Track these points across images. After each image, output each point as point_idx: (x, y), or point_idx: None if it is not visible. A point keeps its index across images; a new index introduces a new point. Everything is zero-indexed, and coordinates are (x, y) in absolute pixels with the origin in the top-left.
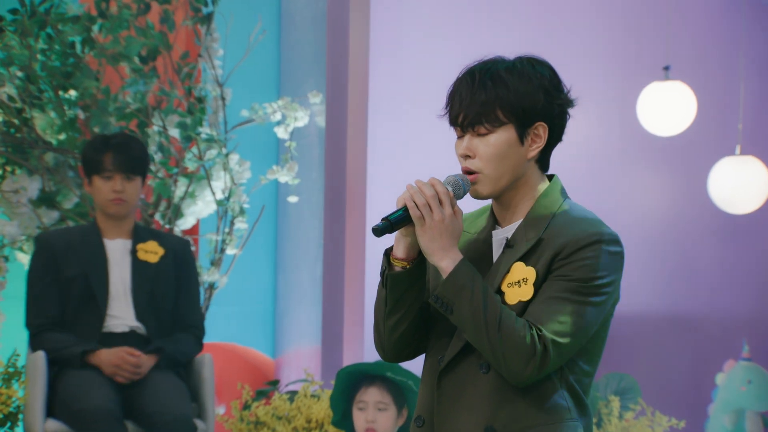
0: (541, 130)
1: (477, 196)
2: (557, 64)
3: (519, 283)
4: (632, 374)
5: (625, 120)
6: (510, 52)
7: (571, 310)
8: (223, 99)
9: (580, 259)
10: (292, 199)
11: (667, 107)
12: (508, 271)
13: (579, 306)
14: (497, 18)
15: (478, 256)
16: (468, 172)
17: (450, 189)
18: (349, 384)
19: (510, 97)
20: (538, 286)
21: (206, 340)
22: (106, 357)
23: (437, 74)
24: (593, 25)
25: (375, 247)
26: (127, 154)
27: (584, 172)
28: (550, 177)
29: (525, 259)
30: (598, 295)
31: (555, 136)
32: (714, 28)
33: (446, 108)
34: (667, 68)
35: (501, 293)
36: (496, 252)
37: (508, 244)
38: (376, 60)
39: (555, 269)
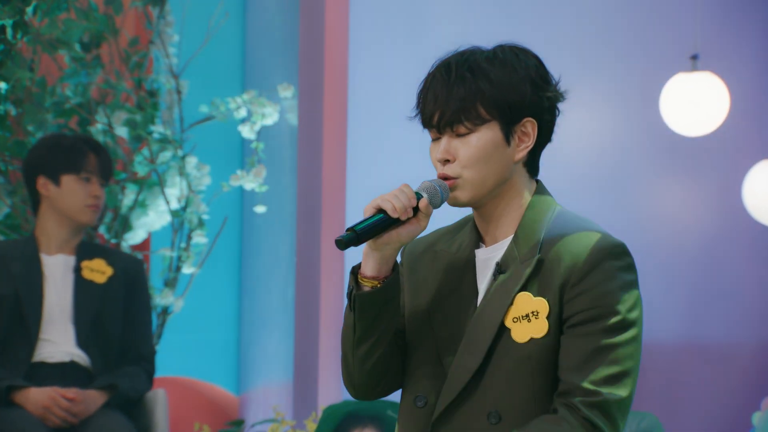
0: (530, 128)
1: (455, 203)
2: (565, 54)
3: (528, 317)
4: (654, 413)
5: (645, 117)
6: (515, 38)
7: (614, 355)
8: (178, 92)
9: (594, 286)
10: (260, 209)
11: (695, 102)
12: (511, 303)
13: (619, 346)
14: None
15: (458, 279)
16: (446, 178)
17: (425, 196)
18: (334, 426)
19: (493, 91)
20: (552, 320)
21: (159, 374)
22: (35, 396)
23: (428, 63)
24: (607, 8)
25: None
26: (105, 158)
27: (597, 179)
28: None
29: (529, 287)
30: (631, 323)
31: (544, 135)
32: (749, 11)
33: (417, 107)
34: (695, 57)
35: (505, 329)
36: (482, 275)
37: (500, 270)
38: (357, 48)
39: (569, 300)
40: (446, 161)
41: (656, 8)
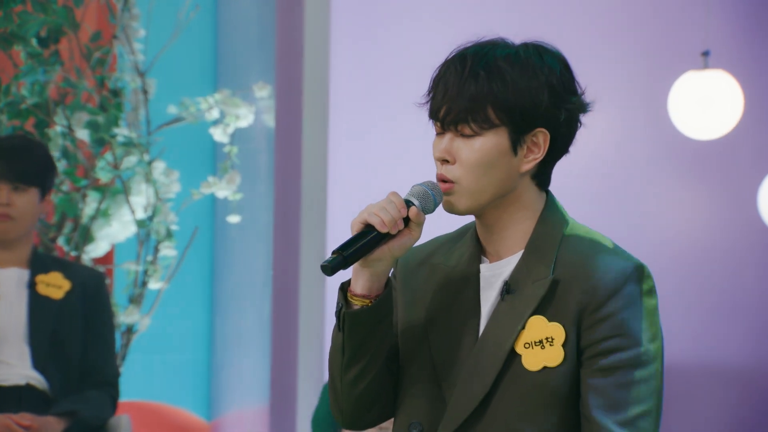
0: (541, 139)
1: (451, 209)
2: (565, 52)
3: (542, 343)
4: None
5: (653, 119)
6: (510, 35)
7: (640, 392)
8: (144, 92)
9: (615, 312)
10: (233, 218)
11: (707, 103)
12: (523, 327)
13: (645, 381)
14: None
15: (459, 296)
16: (443, 180)
17: (416, 204)
18: None
19: (506, 94)
20: (569, 348)
21: (124, 398)
22: None
23: (416, 60)
24: (610, 1)
25: (337, 281)
26: (16, 159)
27: (602, 185)
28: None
29: (543, 311)
30: (655, 355)
31: (559, 148)
32: (763, 2)
33: (428, 95)
34: (706, 54)
35: (516, 355)
36: (486, 293)
37: (509, 289)
38: (338, 43)
39: (587, 327)
40: (445, 161)
41: (664, 2)
